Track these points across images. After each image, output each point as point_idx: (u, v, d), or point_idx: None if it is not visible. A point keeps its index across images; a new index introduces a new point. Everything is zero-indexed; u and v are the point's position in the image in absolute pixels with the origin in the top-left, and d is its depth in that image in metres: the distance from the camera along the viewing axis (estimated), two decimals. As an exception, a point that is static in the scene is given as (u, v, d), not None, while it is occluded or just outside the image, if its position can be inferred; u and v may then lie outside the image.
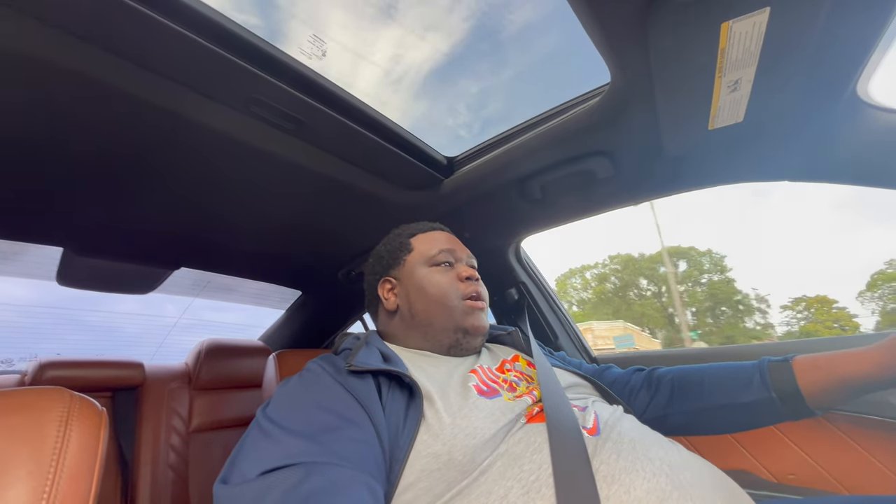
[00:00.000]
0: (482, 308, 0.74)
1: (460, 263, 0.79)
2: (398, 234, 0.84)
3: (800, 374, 0.62)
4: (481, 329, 0.73)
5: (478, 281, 0.77)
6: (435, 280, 0.74)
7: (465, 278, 0.75)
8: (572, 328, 1.34)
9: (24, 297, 3.71)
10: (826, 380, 0.60)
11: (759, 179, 0.87)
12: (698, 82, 0.64)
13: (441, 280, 0.74)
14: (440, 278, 0.74)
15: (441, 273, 0.75)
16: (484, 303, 0.75)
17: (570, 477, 0.43)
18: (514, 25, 33.91)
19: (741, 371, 0.68)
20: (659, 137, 0.80)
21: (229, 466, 0.45)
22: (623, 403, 0.68)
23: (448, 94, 37.29)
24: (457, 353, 0.72)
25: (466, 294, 0.73)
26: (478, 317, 0.73)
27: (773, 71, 0.61)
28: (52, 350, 4.43)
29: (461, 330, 0.71)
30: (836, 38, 0.58)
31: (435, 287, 0.73)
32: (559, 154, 0.92)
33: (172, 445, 1.31)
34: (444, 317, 0.71)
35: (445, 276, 0.75)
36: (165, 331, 3.13)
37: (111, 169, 0.84)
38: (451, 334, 0.71)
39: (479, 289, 0.75)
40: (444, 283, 0.73)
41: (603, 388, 0.72)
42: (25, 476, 0.42)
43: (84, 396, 0.51)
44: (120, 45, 0.60)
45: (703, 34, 0.56)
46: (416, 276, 0.76)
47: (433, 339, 0.72)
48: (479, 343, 0.74)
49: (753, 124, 0.73)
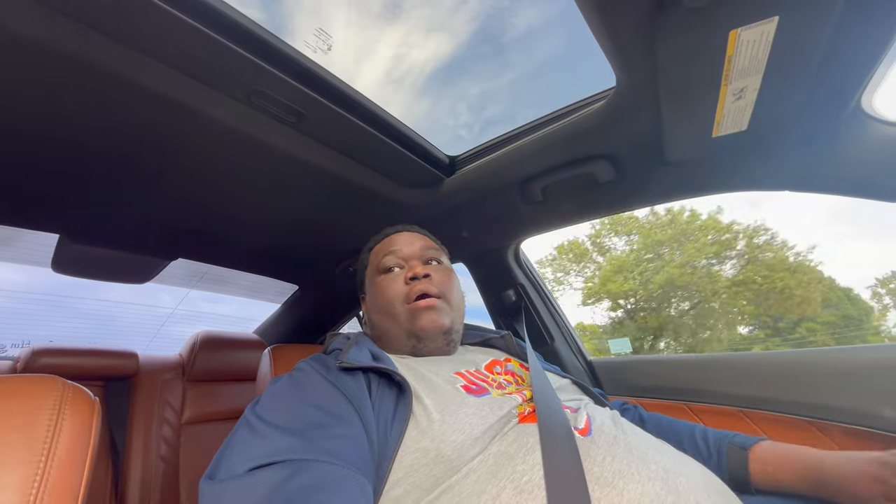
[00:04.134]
0: (430, 306, 0.70)
1: (412, 261, 0.77)
2: (366, 248, 0.88)
3: (754, 464, 0.63)
4: (432, 329, 0.69)
5: (427, 277, 0.72)
6: (381, 289, 0.75)
7: (409, 279, 0.72)
8: (568, 330, 1.34)
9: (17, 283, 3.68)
10: (785, 475, 0.60)
11: (759, 188, 0.87)
12: (704, 89, 0.64)
13: (387, 287, 0.74)
14: (386, 285, 0.74)
15: (390, 279, 0.75)
16: (433, 300, 0.71)
17: (562, 478, 0.43)
18: (517, 29, 33.80)
19: (700, 447, 0.69)
20: (662, 143, 0.80)
21: (216, 463, 0.45)
22: (614, 407, 0.69)
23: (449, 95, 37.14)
24: (423, 356, 0.72)
25: (411, 296, 0.71)
26: (426, 317, 0.69)
27: (779, 80, 0.61)
28: (45, 337, 4.41)
29: (412, 335, 0.70)
30: (842, 50, 0.58)
31: (380, 296, 0.74)
32: (561, 156, 0.92)
33: (164, 437, 1.31)
34: (393, 324, 0.72)
35: (393, 281, 0.74)
36: (159, 321, 3.12)
37: (109, 156, 0.83)
38: (404, 340, 0.71)
39: (425, 287, 0.71)
40: (389, 291, 0.73)
41: (593, 393, 0.72)
42: (17, 463, 0.42)
43: (77, 385, 0.51)
44: (121, 32, 0.59)
45: (710, 41, 0.56)
46: (371, 287, 0.79)
47: (393, 346, 0.73)
48: (440, 343, 0.71)
49: (757, 133, 0.73)
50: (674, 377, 1.08)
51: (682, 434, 0.72)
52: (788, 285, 14.08)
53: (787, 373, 0.89)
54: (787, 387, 0.88)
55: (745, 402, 0.93)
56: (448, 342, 0.72)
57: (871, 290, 19.69)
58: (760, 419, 0.91)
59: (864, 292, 18.02)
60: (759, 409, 0.91)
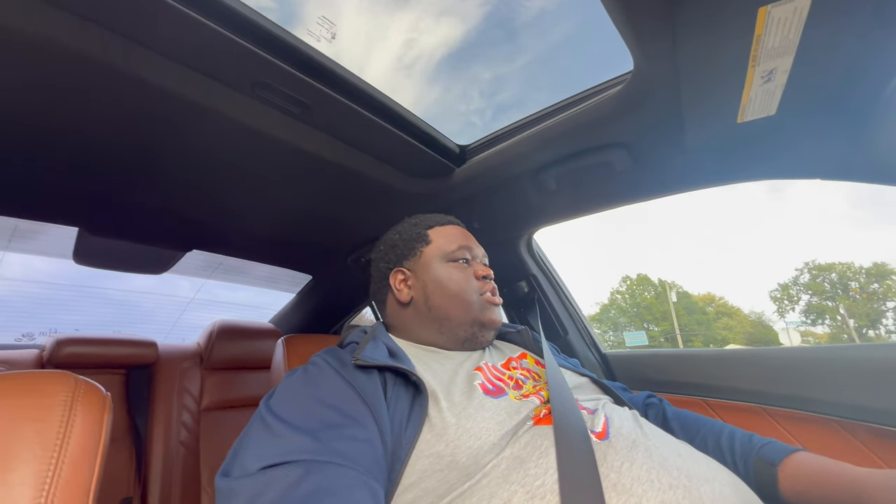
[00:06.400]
0: (498, 304, 0.77)
1: (476, 261, 0.80)
2: (414, 225, 0.82)
3: (784, 482, 0.56)
4: (497, 323, 0.75)
5: (492, 280, 0.79)
6: (455, 276, 0.75)
7: (482, 277, 0.76)
8: (582, 323, 1.32)
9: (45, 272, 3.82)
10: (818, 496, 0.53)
11: (787, 177, 0.82)
12: (729, 71, 0.60)
13: (460, 276, 0.75)
14: (459, 274, 0.75)
15: (459, 269, 0.76)
16: (499, 300, 0.77)
17: (577, 484, 0.41)
18: (530, 12, 32.93)
19: (726, 455, 0.63)
20: (682, 129, 0.76)
21: (231, 458, 0.45)
22: (634, 407, 0.66)
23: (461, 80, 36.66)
24: (470, 347, 0.73)
25: (484, 291, 0.75)
26: (494, 312, 0.75)
27: (812, 62, 0.57)
28: (71, 323, 4.59)
29: (478, 323, 0.72)
30: (881, 29, 0.53)
31: (455, 283, 0.74)
32: (576, 145, 0.88)
33: (184, 423, 1.35)
34: (463, 311, 0.72)
35: (463, 272, 0.76)
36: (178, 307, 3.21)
37: (122, 151, 0.84)
38: (468, 328, 0.72)
39: (494, 288, 0.78)
40: (463, 280, 0.75)
41: (612, 391, 0.70)
42: (30, 459, 0.43)
43: (89, 381, 0.52)
44: (125, 27, 0.58)
45: (737, 19, 0.52)
46: (433, 269, 0.76)
47: (449, 332, 0.72)
48: (491, 337, 0.76)
49: (787, 118, 0.68)
50: (691, 372, 1.05)
51: (707, 438, 0.67)
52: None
53: (810, 369, 0.85)
54: (810, 384, 0.84)
55: (766, 399, 0.90)
56: (493, 338, 0.77)
57: (771, 296, 32.10)
58: (782, 417, 0.87)
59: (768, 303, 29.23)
60: (781, 407, 0.87)
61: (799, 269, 32.35)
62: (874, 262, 29.80)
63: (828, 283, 30.84)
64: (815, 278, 31.69)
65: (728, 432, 0.66)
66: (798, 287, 32.17)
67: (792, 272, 37.77)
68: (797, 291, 32.10)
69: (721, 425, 0.69)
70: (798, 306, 31.69)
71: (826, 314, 29.98)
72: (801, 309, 31.56)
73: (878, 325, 27.36)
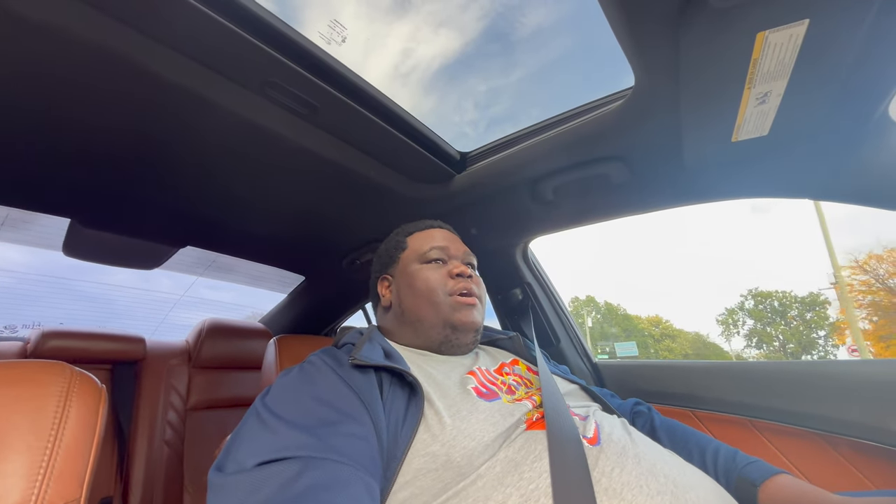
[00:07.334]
0: (471, 304, 0.73)
1: (454, 260, 0.78)
2: (397, 233, 0.85)
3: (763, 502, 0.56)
4: (470, 325, 0.72)
5: (470, 278, 0.76)
6: (423, 276, 0.75)
7: (455, 275, 0.75)
8: (574, 332, 1.33)
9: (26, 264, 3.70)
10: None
11: (779, 196, 0.85)
12: (726, 92, 0.63)
13: (430, 276, 0.74)
14: (429, 274, 0.75)
15: (432, 269, 0.76)
16: (474, 299, 0.74)
17: (569, 488, 0.42)
18: (526, 28, 33.55)
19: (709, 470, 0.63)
20: (680, 146, 0.78)
21: (225, 453, 0.45)
22: (622, 413, 0.67)
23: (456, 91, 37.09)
24: (449, 351, 0.72)
25: (455, 290, 0.73)
26: (466, 312, 0.72)
27: (805, 85, 0.59)
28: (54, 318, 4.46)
29: (449, 325, 0.71)
30: (872, 56, 0.56)
31: (422, 282, 0.74)
32: (575, 156, 0.90)
33: (169, 421, 1.33)
34: (432, 312, 0.72)
35: (436, 272, 0.75)
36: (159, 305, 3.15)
37: (121, 143, 0.83)
38: (439, 330, 0.71)
39: (469, 286, 0.75)
40: (432, 279, 0.74)
41: (602, 399, 0.71)
42: (24, 449, 0.42)
43: (84, 372, 0.51)
44: (137, 20, 0.59)
45: (736, 42, 0.54)
46: (407, 272, 0.77)
47: (423, 335, 0.72)
48: (470, 339, 0.73)
49: (779, 139, 0.71)
50: (680, 383, 1.07)
51: (693, 450, 0.67)
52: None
53: (796, 383, 0.87)
54: (795, 397, 0.86)
55: (752, 412, 0.92)
56: (474, 341, 0.75)
57: (719, 320, 36.25)
58: (767, 430, 0.89)
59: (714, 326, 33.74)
60: (766, 420, 0.89)
61: (744, 296, 35.43)
62: (809, 292, 32.69)
63: (769, 310, 33.65)
64: (757, 304, 34.47)
65: (714, 447, 0.66)
66: (743, 312, 35.31)
67: (737, 298, 41.16)
68: (742, 316, 35.32)
69: (707, 439, 0.70)
70: (741, 330, 35.05)
71: (764, 340, 32.98)
72: (744, 333, 34.92)
73: (810, 351, 30.17)
